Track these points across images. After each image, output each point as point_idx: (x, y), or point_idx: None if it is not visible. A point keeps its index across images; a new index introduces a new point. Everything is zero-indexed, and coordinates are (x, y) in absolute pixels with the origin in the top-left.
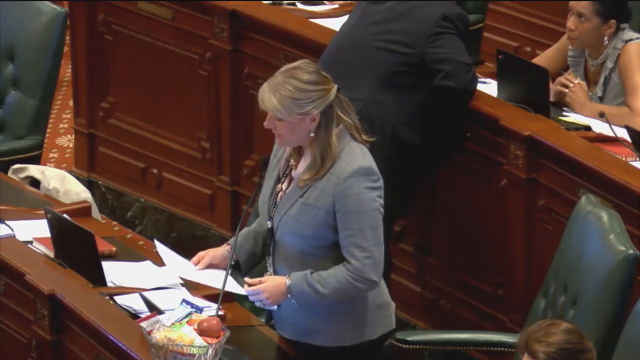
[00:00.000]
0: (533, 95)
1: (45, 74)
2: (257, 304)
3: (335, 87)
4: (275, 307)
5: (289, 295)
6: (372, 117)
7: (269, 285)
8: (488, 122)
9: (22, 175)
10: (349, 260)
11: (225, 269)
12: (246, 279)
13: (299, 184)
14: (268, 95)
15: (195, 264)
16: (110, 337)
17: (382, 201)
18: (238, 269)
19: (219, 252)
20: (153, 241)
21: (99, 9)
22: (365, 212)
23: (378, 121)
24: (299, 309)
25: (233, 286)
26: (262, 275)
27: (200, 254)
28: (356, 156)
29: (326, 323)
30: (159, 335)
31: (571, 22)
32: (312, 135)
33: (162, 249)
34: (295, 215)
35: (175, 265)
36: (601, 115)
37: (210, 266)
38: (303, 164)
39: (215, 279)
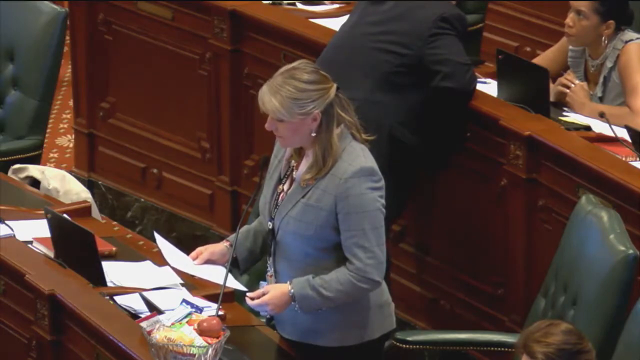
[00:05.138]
0: (533, 95)
1: (45, 74)
2: (262, 313)
3: (335, 85)
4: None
5: (292, 302)
6: (369, 116)
7: (273, 296)
8: (488, 122)
9: (22, 175)
10: (351, 261)
11: (223, 265)
12: (248, 294)
13: (300, 184)
14: (268, 97)
15: (194, 259)
16: (110, 337)
17: (383, 201)
18: (236, 267)
19: (218, 248)
20: (154, 240)
21: (99, 9)
22: (367, 212)
23: (375, 121)
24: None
25: (232, 282)
26: (262, 275)
27: (199, 249)
28: (357, 156)
29: (328, 323)
30: (159, 335)
31: (570, 18)
32: (313, 135)
33: (161, 242)
34: (297, 216)
35: (174, 259)
36: (601, 115)
37: (208, 262)
38: (304, 164)
39: (214, 274)
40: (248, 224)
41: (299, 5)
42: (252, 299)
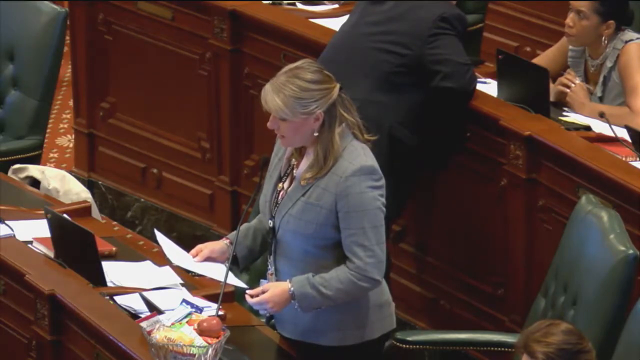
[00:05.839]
0: (533, 95)
1: (45, 74)
2: (262, 312)
3: (338, 86)
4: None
5: (292, 301)
6: (369, 116)
7: (273, 294)
8: (488, 122)
9: (22, 175)
10: (351, 260)
11: (223, 263)
12: (248, 291)
13: (300, 182)
14: (271, 96)
15: (194, 257)
16: (110, 337)
17: (383, 200)
18: (236, 264)
19: (218, 245)
20: (154, 240)
21: (99, 9)
22: (367, 211)
23: (375, 121)
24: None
25: (232, 280)
26: (262, 274)
27: (199, 246)
28: (358, 155)
29: (328, 323)
30: (159, 335)
31: (570, 18)
32: (315, 134)
33: (162, 239)
34: (297, 215)
35: (174, 256)
36: (601, 115)
37: (208, 259)
38: (305, 163)
39: (214, 271)
40: (248, 222)
41: (299, 5)
42: (252, 296)
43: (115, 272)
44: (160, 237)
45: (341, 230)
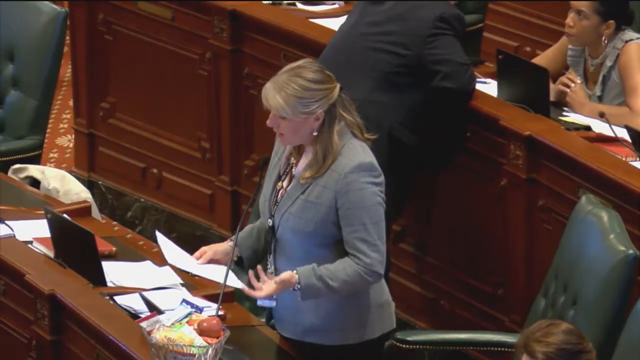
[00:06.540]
0: (533, 95)
1: (45, 74)
2: (259, 303)
3: (338, 86)
4: (274, 303)
5: (294, 289)
6: (369, 116)
7: (278, 289)
8: (488, 122)
9: (22, 175)
10: (356, 255)
11: (226, 265)
12: (247, 289)
13: (299, 181)
14: (273, 94)
15: (197, 259)
16: (110, 337)
17: (383, 196)
18: (241, 265)
19: (221, 247)
20: (154, 240)
21: (99, 9)
22: (367, 207)
23: (375, 121)
24: (301, 307)
25: (234, 281)
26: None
27: (203, 248)
28: (357, 153)
29: (328, 322)
30: (159, 335)
31: (570, 18)
32: (315, 134)
33: (163, 240)
34: (296, 213)
35: (176, 258)
36: (601, 115)
37: (212, 261)
38: (304, 162)
39: (217, 273)
40: (249, 224)
41: (299, 5)
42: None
43: (115, 272)
44: (161, 239)
45: (342, 228)
